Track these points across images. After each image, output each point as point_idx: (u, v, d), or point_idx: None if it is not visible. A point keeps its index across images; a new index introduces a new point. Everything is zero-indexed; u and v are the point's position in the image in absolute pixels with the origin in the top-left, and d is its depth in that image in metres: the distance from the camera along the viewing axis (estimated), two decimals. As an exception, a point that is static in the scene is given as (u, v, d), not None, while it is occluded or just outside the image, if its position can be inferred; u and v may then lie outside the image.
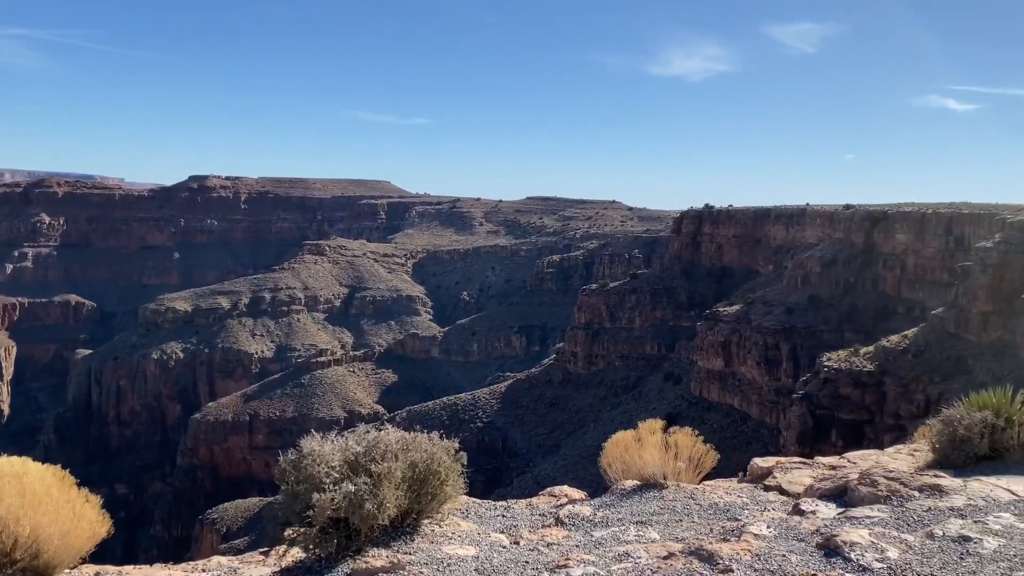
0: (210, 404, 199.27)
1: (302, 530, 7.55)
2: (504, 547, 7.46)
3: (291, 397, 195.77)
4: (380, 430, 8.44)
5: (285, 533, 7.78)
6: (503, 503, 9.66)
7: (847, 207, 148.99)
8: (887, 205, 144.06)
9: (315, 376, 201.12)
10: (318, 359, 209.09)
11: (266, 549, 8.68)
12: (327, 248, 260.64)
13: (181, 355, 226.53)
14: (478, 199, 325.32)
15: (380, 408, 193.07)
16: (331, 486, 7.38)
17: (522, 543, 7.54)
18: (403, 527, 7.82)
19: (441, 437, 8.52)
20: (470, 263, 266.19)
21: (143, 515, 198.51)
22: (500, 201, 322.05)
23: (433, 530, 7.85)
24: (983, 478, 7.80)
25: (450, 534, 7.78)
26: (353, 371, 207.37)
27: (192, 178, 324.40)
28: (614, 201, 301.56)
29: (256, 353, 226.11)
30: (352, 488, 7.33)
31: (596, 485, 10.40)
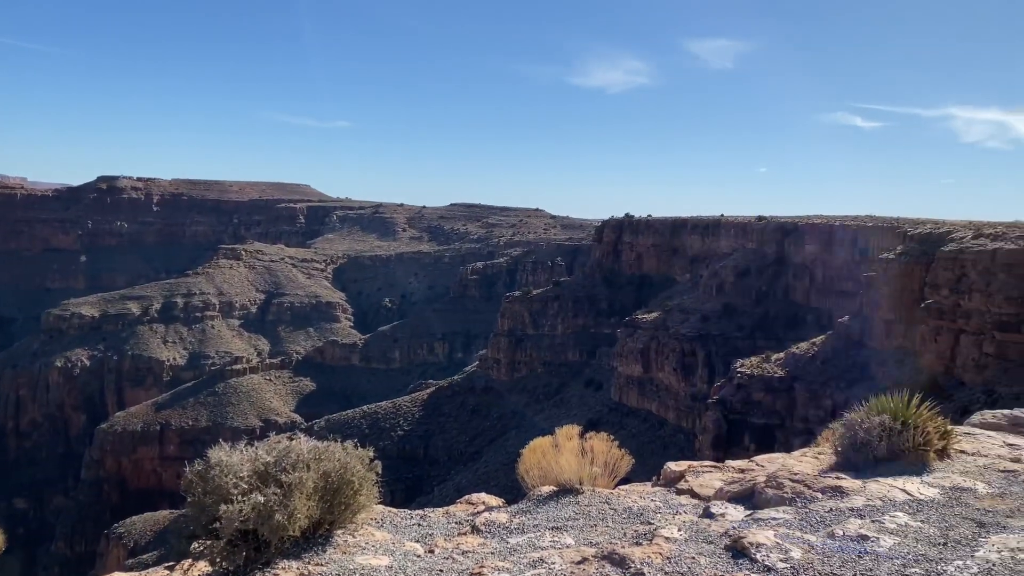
0: (119, 414, 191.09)
1: (209, 543, 7.31)
2: (418, 556, 7.37)
3: (204, 406, 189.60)
4: (292, 439, 8.25)
5: (192, 546, 7.51)
6: (419, 512, 9.56)
7: (760, 218, 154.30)
8: (798, 217, 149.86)
9: (230, 384, 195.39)
10: (233, 367, 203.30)
11: (172, 563, 8.37)
12: (243, 252, 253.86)
13: (87, 363, 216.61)
14: (401, 205, 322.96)
15: (297, 417, 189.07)
16: (239, 497, 7.15)
17: (437, 552, 7.47)
18: (315, 538, 7.65)
19: (356, 446, 8.37)
20: (392, 269, 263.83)
21: (44, 531, 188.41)
22: (424, 207, 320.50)
23: (346, 540, 7.70)
24: (881, 479, 8.14)
25: (363, 544, 7.64)
26: (270, 379, 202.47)
27: (101, 179, 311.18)
28: (538, 209, 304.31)
29: (168, 360, 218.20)
30: (261, 499, 7.12)
31: (518, 492, 10.41)
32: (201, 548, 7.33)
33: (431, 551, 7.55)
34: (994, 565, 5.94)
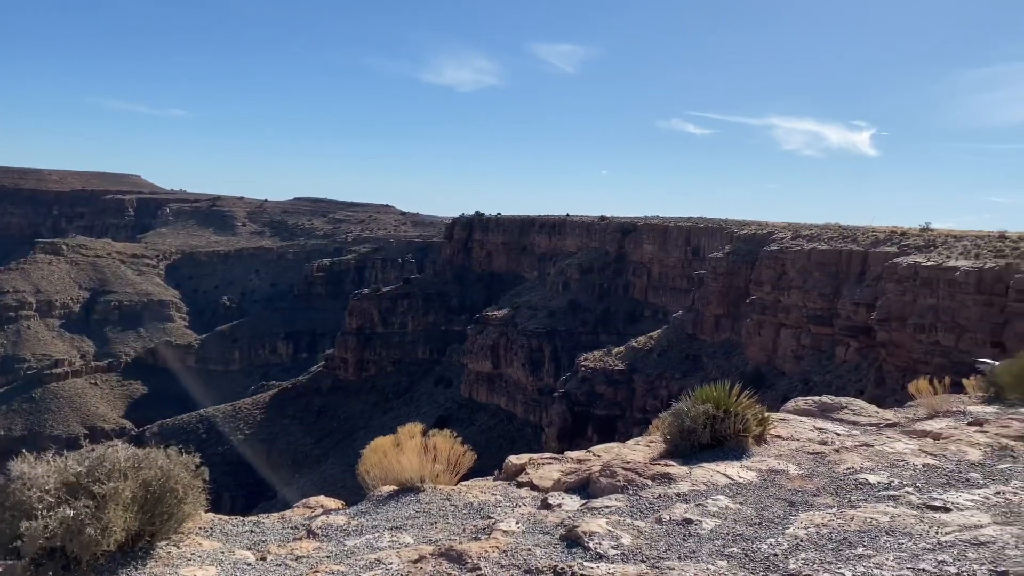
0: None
1: (10, 564, 6.64)
2: (249, 564, 7.04)
3: (20, 413, 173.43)
4: (110, 447, 7.64)
5: (-10, 570, 6.79)
6: (253, 518, 9.14)
7: (602, 219, 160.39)
8: (637, 218, 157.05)
9: (49, 390, 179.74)
10: (53, 371, 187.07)
11: (-32, 590, 7.53)
12: (64, 247, 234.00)
13: None
14: (241, 198, 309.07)
15: (127, 423, 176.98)
16: (44, 512, 6.53)
17: (269, 559, 7.16)
18: (134, 551, 7.12)
19: (181, 452, 7.86)
20: (232, 266, 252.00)
21: None
22: (266, 201, 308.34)
23: (170, 552, 7.22)
24: (705, 465, 8.61)
25: (189, 555, 7.20)
26: (95, 383, 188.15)
27: None
28: (387, 205, 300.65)
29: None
30: (71, 513, 6.54)
31: (364, 494, 10.19)
32: (1, 570, 6.66)
33: (263, 558, 7.23)
34: (801, 540, 6.42)
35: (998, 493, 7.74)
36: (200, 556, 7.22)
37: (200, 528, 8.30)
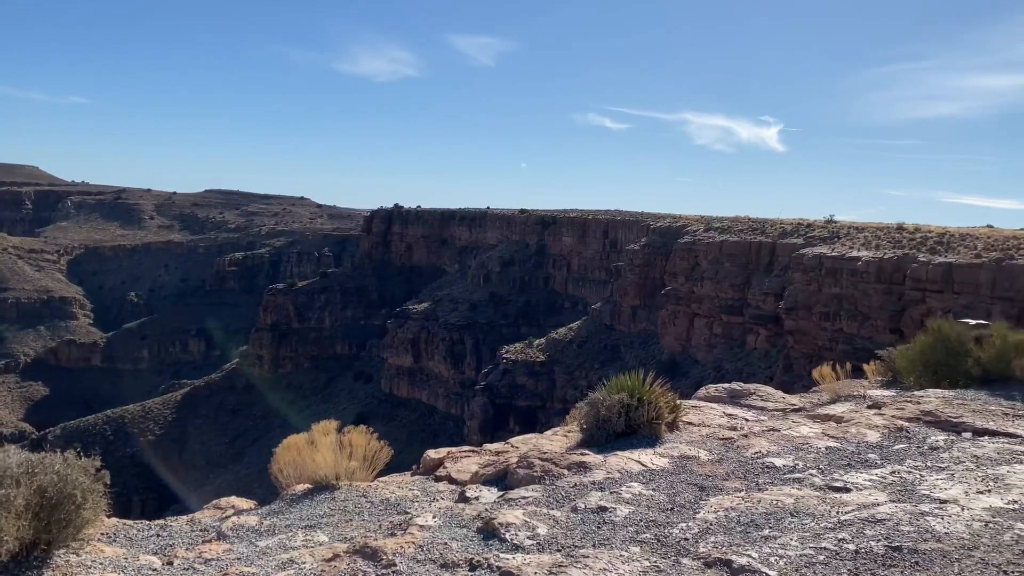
0: None
1: None
2: (155, 570, 6.77)
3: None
4: (0, 452, 7.21)
5: None
6: (160, 521, 8.81)
7: (522, 212, 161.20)
8: (556, 211, 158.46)
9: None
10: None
11: None
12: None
13: None
14: (148, 190, 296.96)
15: (27, 427, 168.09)
16: (-74, 525, 6.12)
17: (176, 563, 6.91)
18: (29, 561, 6.75)
19: (80, 455, 7.49)
20: (139, 261, 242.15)
21: None
22: (174, 193, 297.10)
23: (68, 560, 6.88)
24: (620, 453, 8.76)
25: (89, 563, 6.88)
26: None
27: None
28: (303, 197, 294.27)
29: None
30: (-43, 524, 6.15)
31: (279, 493, 9.95)
32: None
33: (170, 563, 6.97)
34: (711, 524, 6.61)
35: (894, 472, 8.14)
36: (102, 563, 6.91)
37: (102, 534, 7.96)
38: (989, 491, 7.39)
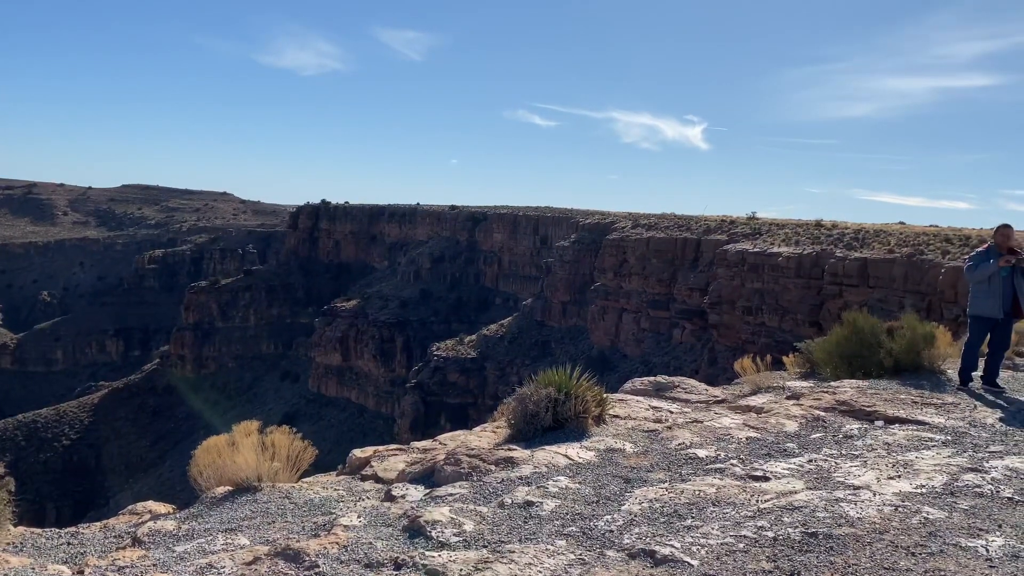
0: None
1: None
2: (63, 581, 6.48)
3: None
4: None
5: None
6: (71, 529, 8.44)
7: (453, 208, 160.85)
8: (487, 207, 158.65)
9: None
10: None
11: None
12: None
13: None
14: (61, 185, 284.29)
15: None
16: None
17: (87, 572, 6.61)
18: (-76, 578, 6.38)
19: (-19, 462, 7.11)
20: (52, 258, 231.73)
21: None
22: (90, 188, 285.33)
23: (-32, 574, 6.53)
24: (547, 447, 8.79)
25: (-8, 576, 6.53)
26: None
27: None
28: (225, 193, 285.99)
29: None
30: None
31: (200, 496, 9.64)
32: None
33: (80, 572, 6.67)
34: (636, 515, 6.70)
35: (810, 461, 8.41)
36: (6, 574, 6.57)
37: (8, 544, 7.58)
38: (899, 476, 7.71)
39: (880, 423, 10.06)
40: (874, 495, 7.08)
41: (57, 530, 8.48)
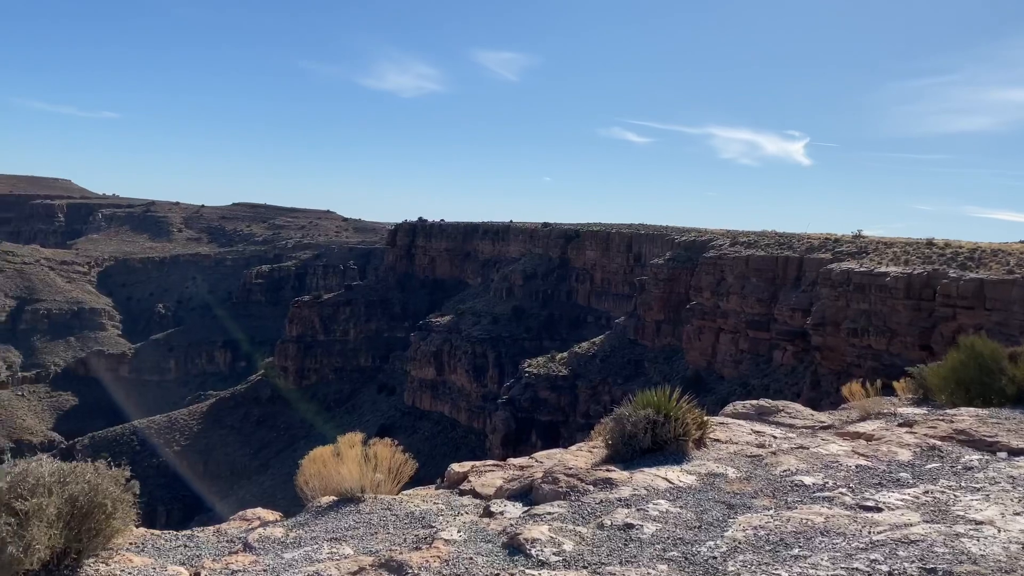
0: None
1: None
2: (182, 581, 6.82)
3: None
4: (33, 462, 7.31)
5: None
6: (187, 532, 8.86)
7: (545, 225, 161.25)
8: (579, 224, 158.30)
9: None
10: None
11: None
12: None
13: None
14: (177, 203, 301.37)
15: (56, 436, 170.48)
16: (-39, 532, 6.21)
17: (203, 574, 6.94)
18: (59, 570, 6.82)
19: (111, 465, 7.58)
20: (167, 272, 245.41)
21: None
22: (203, 206, 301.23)
23: (98, 569, 6.94)
24: (646, 469, 8.67)
25: (118, 572, 6.93)
26: (22, 394, 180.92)
27: None
28: (328, 211, 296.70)
29: None
30: (-10, 532, 6.23)
31: (303, 505, 9.98)
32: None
33: (197, 574, 7.01)
34: (740, 543, 6.52)
35: (927, 492, 7.99)
36: (130, 573, 6.96)
37: (131, 544, 8.02)
38: (1026, 513, 7.23)
39: (1003, 455, 9.46)
40: (999, 531, 6.66)
41: (174, 532, 8.92)
